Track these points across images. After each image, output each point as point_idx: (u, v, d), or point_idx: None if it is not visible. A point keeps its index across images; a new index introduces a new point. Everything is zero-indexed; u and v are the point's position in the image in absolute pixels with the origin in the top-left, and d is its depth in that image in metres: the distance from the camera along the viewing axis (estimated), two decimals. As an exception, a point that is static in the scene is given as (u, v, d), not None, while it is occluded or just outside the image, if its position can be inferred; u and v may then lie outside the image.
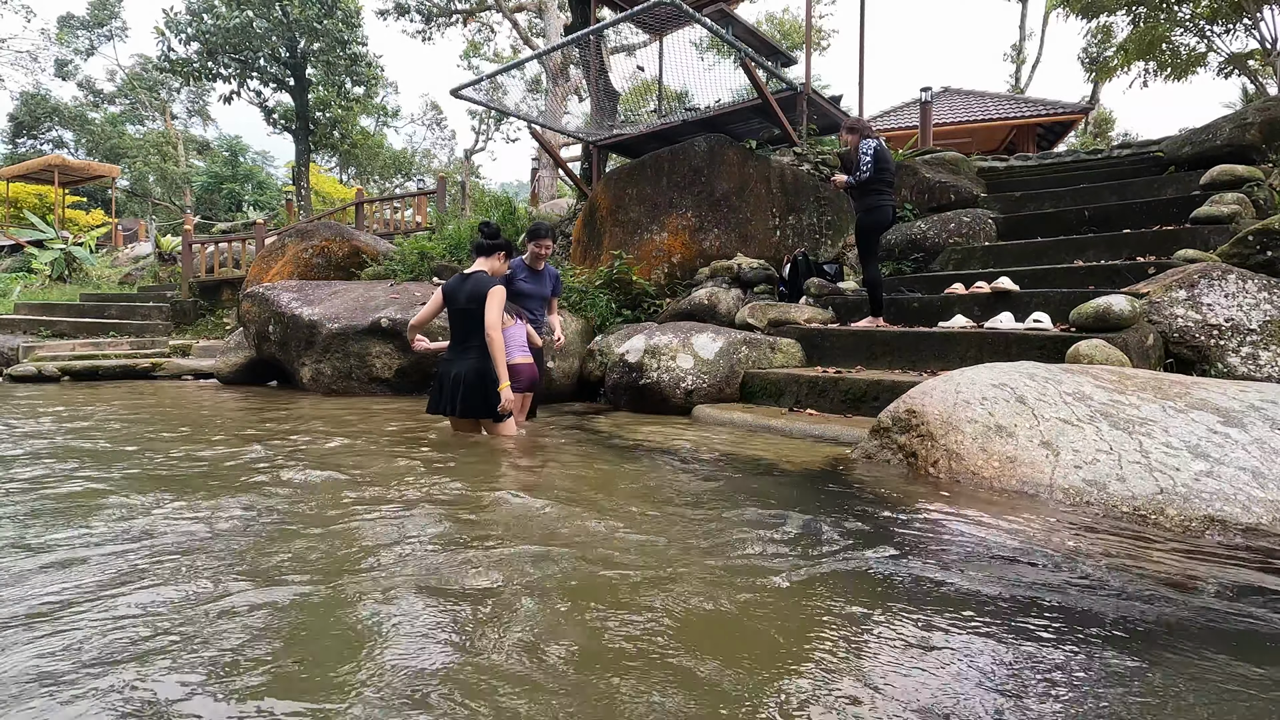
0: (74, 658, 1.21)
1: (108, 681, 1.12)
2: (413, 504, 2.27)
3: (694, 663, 1.21)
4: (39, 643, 1.26)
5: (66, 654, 1.22)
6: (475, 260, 3.72)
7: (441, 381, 3.58)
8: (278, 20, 19.09)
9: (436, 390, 3.62)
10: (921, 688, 1.14)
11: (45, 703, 1.06)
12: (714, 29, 7.02)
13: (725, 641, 1.30)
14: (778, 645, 1.29)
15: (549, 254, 4.43)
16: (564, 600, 1.48)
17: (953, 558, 1.78)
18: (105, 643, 1.26)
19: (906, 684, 1.15)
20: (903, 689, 1.13)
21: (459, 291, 3.57)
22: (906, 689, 1.13)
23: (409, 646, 1.25)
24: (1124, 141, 13.87)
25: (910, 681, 1.16)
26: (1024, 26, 25.72)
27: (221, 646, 1.25)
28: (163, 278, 14.50)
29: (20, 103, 29.01)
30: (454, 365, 3.53)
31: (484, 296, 3.44)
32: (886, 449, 2.84)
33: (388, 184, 33.02)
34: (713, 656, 1.23)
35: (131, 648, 1.24)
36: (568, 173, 10.06)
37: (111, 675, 1.14)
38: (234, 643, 1.26)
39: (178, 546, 1.82)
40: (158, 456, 3.16)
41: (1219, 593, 1.56)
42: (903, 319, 5.30)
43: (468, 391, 3.46)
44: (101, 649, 1.24)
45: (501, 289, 3.50)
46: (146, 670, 1.16)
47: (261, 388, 7.34)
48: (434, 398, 3.64)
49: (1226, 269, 4.11)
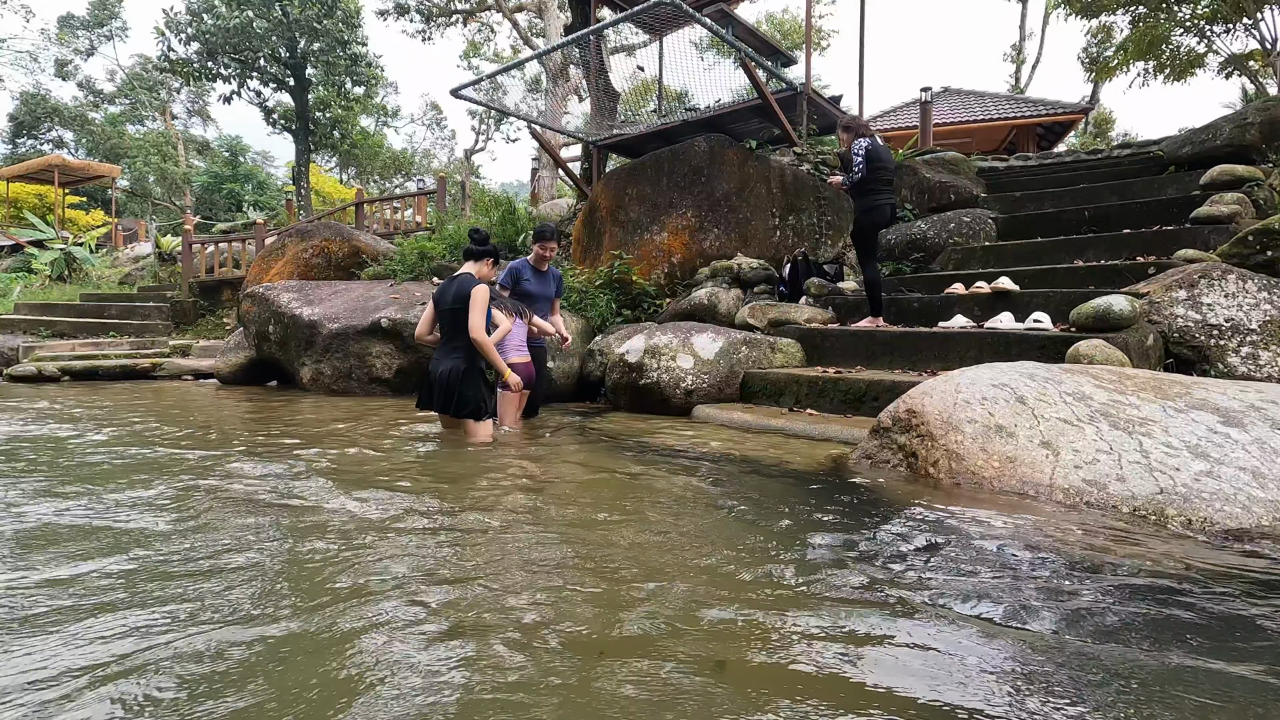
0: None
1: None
2: (413, 497, 2.27)
3: (694, 664, 1.21)
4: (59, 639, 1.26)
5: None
6: (464, 264, 3.87)
7: (429, 379, 3.74)
8: (278, 20, 19.09)
9: (426, 387, 3.78)
10: (920, 688, 1.14)
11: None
12: (714, 29, 7.01)
13: (725, 641, 1.30)
14: (775, 645, 1.29)
15: (553, 255, 4.49)
16: (561, 601, 1.48)
17: (953, 558, 1.78)
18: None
19: (904, 685, 1.15)
20: (900, 689, 1.13)
21: (446, 293, 3.72)
22: (904, 688, 1.13)
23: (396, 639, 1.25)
24: (1124, 141, 13.87)
25: (909, 682, 1.16)
26: (1024, 26, 25.71)
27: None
28: (163, 278, 14.49)
29: (20, 103, 28.98)
30: (439, 364, 3.69)
31: (467, 297, 3.58)
32: (886, 449, 2.84)
33: (388, 184, 33.00)
34: (711, 657, 1.23)
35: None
36: (568, 173, 10.06)
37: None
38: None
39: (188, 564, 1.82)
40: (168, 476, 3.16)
41: (1219, 593, 1.56)
42: (903, 319, 5.29)
43: (446, 391, 3.61)
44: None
45: (484, 289, 3.65)
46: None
47: (261, 388, 7.33)
48: (423, 394, 3.81)
49: (1226, 269, 4.11)
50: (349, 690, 1.10)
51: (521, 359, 4.00)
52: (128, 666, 1.17)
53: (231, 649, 1.24)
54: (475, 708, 1.06)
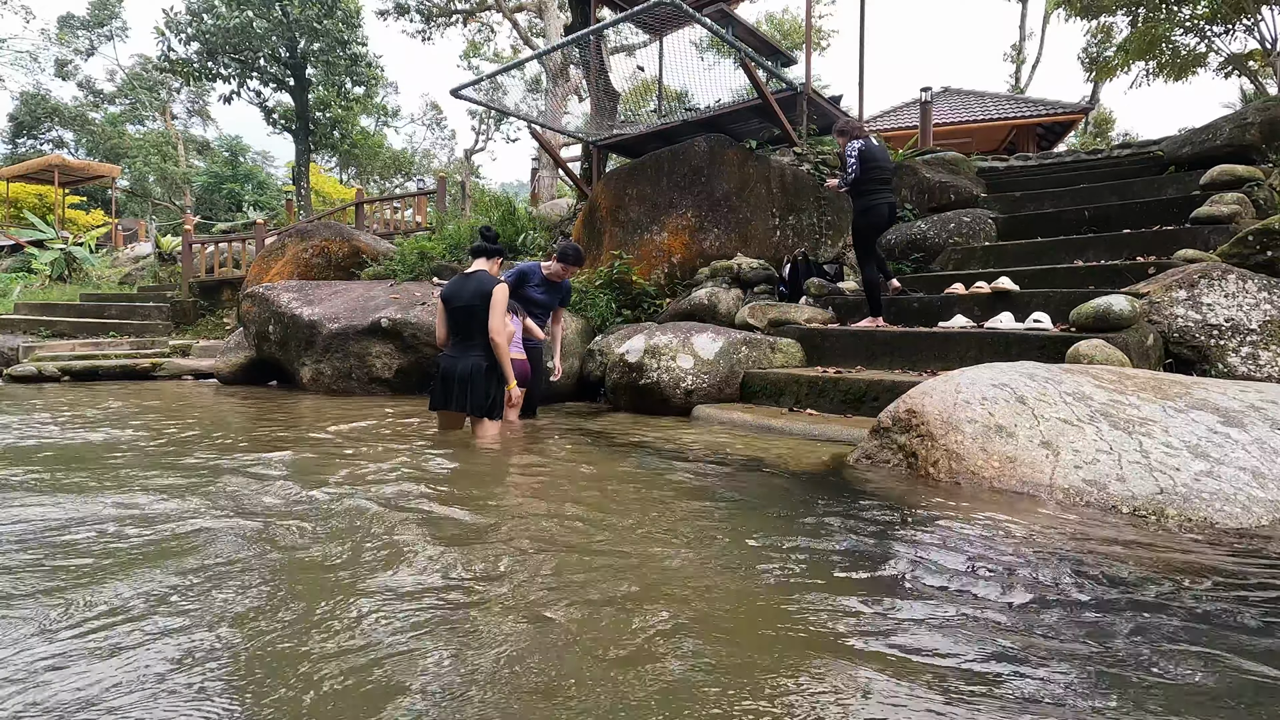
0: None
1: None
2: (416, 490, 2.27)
3: (692, 663, 1.21)
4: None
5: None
6: (474, 261, 3.82)
7: (445, 377, 3.65)
8: (278, 20, 19.09)
9: (440, 386, 3.69)
10: (918, 688, 1.14)
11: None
12: (714, 29, 7.01)
13: (724, 641, 1.30)
14: (773, 646, 1.29)
15: (571, 277, 4.54)
16: (559, 606, 1.48)
17: (952, 558, 1.78)
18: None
19: (902, 683, 1.15)
20: (898, 689, 1.13)
21: (462, 290, 3.65)
22: (902, 690, 1.13)
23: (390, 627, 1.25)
24: (1124, 141, 13.87)
25: (906, 682, 1.16)
26: (1024, 26, 25.72)
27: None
28: (163, 278, 14.49)
29: (20, 103, 28.99)
30: (459, 362, 3.61)
31: (489, 295, 3.55)
32: (886, 449, 2.84)
33: (388, 184, 33.01)
34: (710, 657, 1.23)
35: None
36: (568, 173, 10.06)
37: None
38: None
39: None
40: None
41: (1219, 594, 1.56)
42: (903, 319, 5.29)
43: (474, 388, 3.56)
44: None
45: (505, 288, 3.63)
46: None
47: (261, 388, 7.33)
48: (437, 394, 3.72)
49: (1226, 269, 4.11)
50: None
51: (519, 355, 4.02)
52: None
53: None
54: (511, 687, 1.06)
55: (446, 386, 3.64)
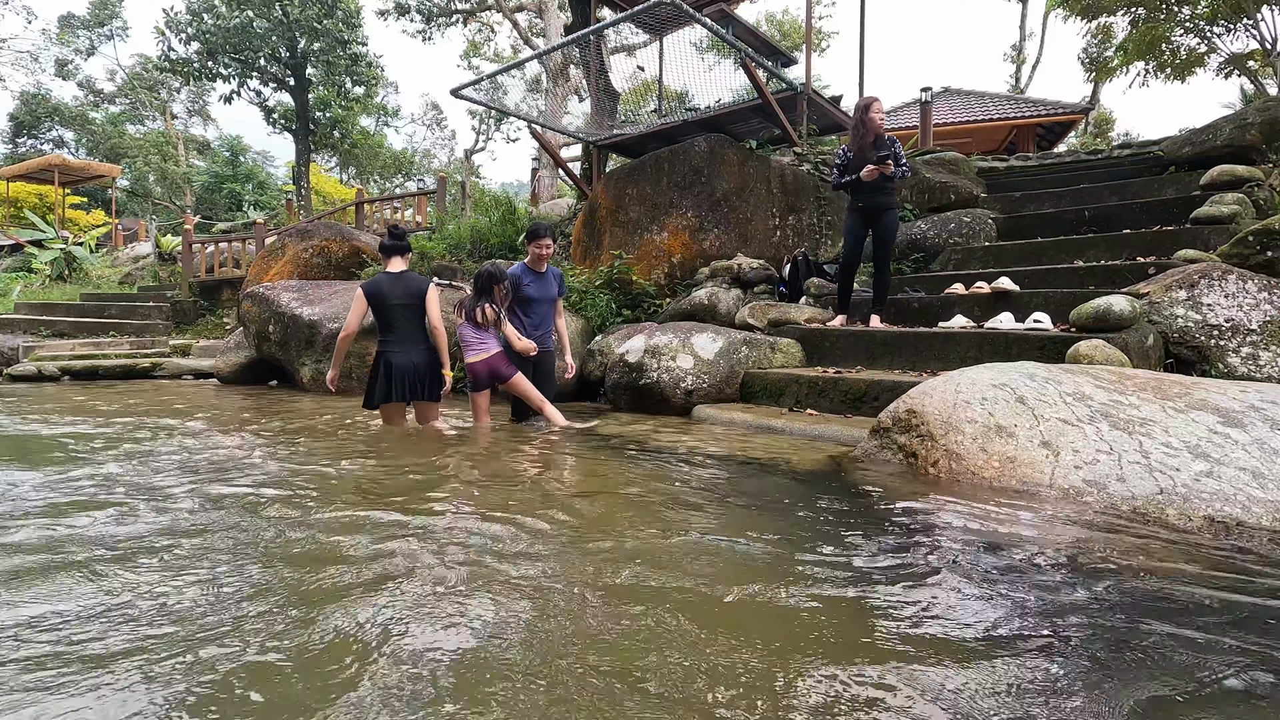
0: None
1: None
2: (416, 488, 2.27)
3: (691, 659, 1.21)
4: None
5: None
6: (393, 261, 4.02)
7: (390, 372, 3.83)
8: (278, 20, 19.10)
9: (384, 382, 3.84)
10: (918, 687, 1.14)
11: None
12: (714, 29, 7.02)
13: (723, 642, 1.30)
14: (771, 645, 1.29)
15: (550, 254, 4.35)
16: (556, 607, 1.48)
17: (952, 558, 1.78)
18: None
19: (900, 683, 1.15)
20: (897, 689, 1.13)
21: (395, 289, 3.88)
22: (901, 689, 1.13)
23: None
24: (1124, 142, 13.87)
25: (906, 681, 1.16)
26: (1024, 27, 25.75)
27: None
28: (163, 278, 14.50)
29: (20, 103, 29.01)
30: (408, 356, 3.87)
31: (423, 294, 3.90)
32: (886, 449, 2.84)
33: (388, 184, 33.02)
34: (708, 657, 1.24)
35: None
36: (568, 173, 10.06)
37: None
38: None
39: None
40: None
41: (1219, 593, 1.56)
42: (903, 319, 5.29)
43: (431, 377, 3.92)
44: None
45: (436, 288, 3.97)
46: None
47: (262, 387, 7.34)
48: (382, 389, 3.85)
49: (1226, 269, 4.11)
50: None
51: (477, 357, 4.02)
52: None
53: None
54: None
55: (399, 380, 3.83)
